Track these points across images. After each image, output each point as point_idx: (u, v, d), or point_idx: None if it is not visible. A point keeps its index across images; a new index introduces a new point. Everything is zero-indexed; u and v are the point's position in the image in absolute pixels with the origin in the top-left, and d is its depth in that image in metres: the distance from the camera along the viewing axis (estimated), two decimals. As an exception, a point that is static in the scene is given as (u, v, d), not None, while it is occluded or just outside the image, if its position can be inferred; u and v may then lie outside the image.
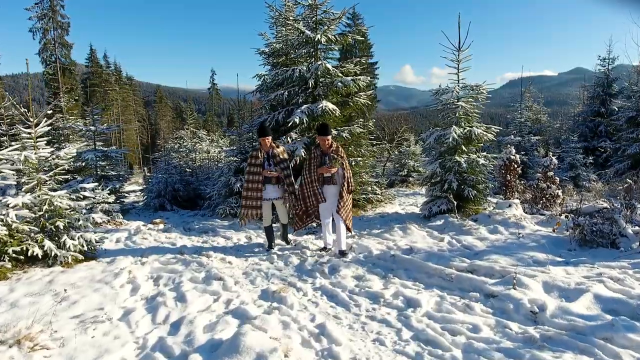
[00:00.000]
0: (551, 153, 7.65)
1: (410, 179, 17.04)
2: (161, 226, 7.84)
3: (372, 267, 4.85)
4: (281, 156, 5.64)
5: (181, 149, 14.20)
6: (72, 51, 34.03)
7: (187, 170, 12.58)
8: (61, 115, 14.97)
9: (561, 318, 3.24)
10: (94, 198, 6.19)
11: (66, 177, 5.83)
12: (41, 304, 3.56)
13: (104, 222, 7.53)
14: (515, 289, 3.72)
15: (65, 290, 3.91)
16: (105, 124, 9.99)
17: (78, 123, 9.79)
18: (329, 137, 5.35)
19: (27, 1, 28.67)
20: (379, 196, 9.81)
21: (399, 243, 5.90)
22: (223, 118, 61.17)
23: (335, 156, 5.35)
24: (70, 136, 10.56)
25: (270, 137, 5.53)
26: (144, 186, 11.94)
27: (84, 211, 5.12)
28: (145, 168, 29.06)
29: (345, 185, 5.36)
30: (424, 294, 3.85)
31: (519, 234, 5.87)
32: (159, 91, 68.12)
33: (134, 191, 14.05)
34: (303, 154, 8.16)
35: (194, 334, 3.01)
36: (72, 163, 8.92)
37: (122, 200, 9.04)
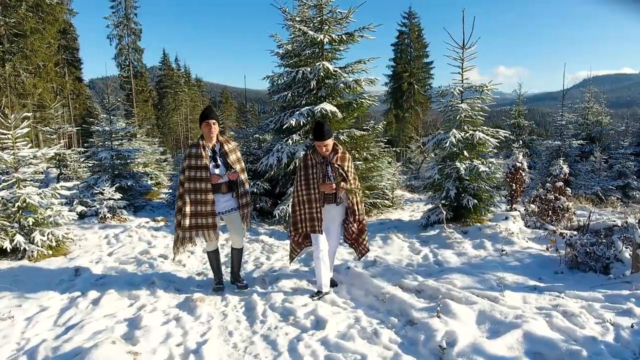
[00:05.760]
0: (562, 161, 6.77)
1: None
2: (161, 224, 8.10)
3: (320, 280, 4.60)
4: (235, 154, 4.22)
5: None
6: (144, 55, 37.16)
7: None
8: (105, 116, 16.23)
9: (468, 357, 2.81)
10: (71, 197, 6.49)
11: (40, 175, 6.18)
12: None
13: (107, 217, 7.99)
14: (439, 317, 3.30)
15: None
16: (125, 124, 10.53)
17: (102, 123, 10.46)
18: (328, 141, 3.92)
19: (104, 10, 31.53)
20: (386, 201, 9.36)
21: (370, 254, 5.55)
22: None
23: (340, 169, 3.99)
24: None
25: (216, 123, 4.04)
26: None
27: (58, 208, 5.40)
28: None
29: (355, 215, 4.12)
30: (341, 315, 3.55)
31: (502, 250, 5.27)
32: (225, 92, 71.37)
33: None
34: (303, 157, 8.00)
35: (72, 340, 3.00)
36: (89, 162, 9.62)
37: (131, 196, 9.44)
